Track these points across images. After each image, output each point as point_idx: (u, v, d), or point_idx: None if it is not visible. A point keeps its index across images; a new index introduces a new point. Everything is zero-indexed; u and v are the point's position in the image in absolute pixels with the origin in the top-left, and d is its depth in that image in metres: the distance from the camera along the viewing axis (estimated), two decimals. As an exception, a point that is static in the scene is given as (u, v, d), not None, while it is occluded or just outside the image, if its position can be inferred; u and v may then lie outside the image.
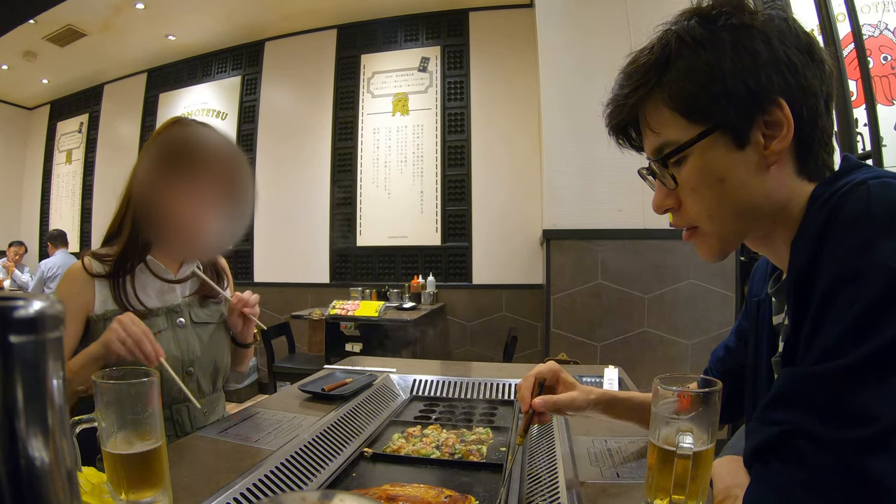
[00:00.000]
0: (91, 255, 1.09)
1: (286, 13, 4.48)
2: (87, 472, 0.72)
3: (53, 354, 0.22)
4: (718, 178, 0.61)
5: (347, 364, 1.58)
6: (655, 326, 2.92)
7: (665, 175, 0.64)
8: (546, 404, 0.82)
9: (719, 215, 0.63)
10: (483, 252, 4.22)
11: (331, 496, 0.24)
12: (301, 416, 1.09)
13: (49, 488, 0.21)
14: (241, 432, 0.99)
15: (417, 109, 4.42)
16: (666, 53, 0.62)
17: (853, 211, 0.52)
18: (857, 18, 2.19)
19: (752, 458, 0.54)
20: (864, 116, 2.23)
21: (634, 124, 0.68)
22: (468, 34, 4.35)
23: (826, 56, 0.61)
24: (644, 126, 0.66)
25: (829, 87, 0.61)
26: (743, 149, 0.60)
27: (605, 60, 2.92)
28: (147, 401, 0.65)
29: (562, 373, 0.88)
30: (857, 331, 0.48)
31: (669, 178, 0.64)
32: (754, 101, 0.58)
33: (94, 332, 1.05)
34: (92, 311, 1.06)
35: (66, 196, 5.85)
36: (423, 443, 0.98)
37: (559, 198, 3.04)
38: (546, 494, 0.75)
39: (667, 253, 2.90)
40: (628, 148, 0.71)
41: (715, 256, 0.66)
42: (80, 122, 5.82)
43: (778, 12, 0.61)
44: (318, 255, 4.55)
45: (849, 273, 0.50)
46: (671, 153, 0.63)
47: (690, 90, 0.60)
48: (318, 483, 0.83)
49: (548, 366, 0.88)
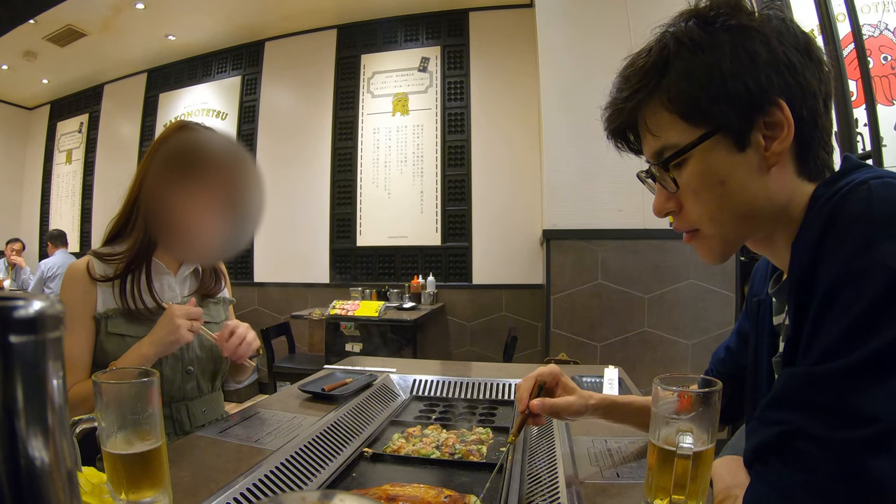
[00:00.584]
0: (93, 255, 1.09)
1: (286, 13, 4.48)
2: (87, 472, 0.72)
3: (53, 354, 0.22)
4: (719, 181, 0.61)
5: (347, 364, 1.58)
6: (655, 326, 2.92)
7: (666, 178, 0.64)
8: (543, 407, 0.83)
9: (720, 218, 0.63)
10: (483, 252, 4.22)
11: (331, 496, 0.25)
12: (301, 416, 1.09)
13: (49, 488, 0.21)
14: (241, 432, 0.99)
15: (417, 109, 4.42)
16: (664, 56, 0.61)
17: (854, 211, 0.52)
18: (857, 18, 2.19)
19: (752, 458, 0.54)
20: (864, 116, 2.23)
21: (633, 128, 0.67)
22: (468, 34, 4.35)
23: (824, 55, 0.61)
24: (643, 129, 0.65)
25: (828, 87, 0.60)
26: (744, 150, 0.59)
27: (605, 60, 2.93)
28: (147, 401, 0.65)
29: (562, 377, 0.88)
30: (858, 331, 0.48)
31: (670, 182, 0.64)
32: (754, 102, 0.58)
33: (98, 332, 1.06)
34: (95, 310, 1.06)
35: (66, 196, 5.85)
36: (423, 443, 0.98)
37: (559, 198, 3.04)
38: (546, 494, 0.75)
39: (667, 253, 2.90)
40: (627, 152, 0.71)
41: (716, 259, 0.66)
42: (80, 122, 5.82)
43: (776, 12, 0.60)
44: (318, 255, 4.55)
45: (850, 273, 0.50)
46: (672, 156, 0.62)
47: (690, 92, 0.60)
48: (318, 483, 0.83)
49: (549, 368, 0.88)
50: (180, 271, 1.18)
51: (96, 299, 1.07)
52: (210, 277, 1.24)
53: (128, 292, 1.07)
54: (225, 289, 1.29)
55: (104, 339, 1.06)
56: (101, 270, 1.08)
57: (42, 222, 6.03)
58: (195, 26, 4.68)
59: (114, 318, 1.06)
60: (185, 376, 1.13)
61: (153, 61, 5.29)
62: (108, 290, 1.08)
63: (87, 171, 5.68)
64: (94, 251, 1.10)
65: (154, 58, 5.23)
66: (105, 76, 5.57)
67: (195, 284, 1.21)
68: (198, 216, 1.02)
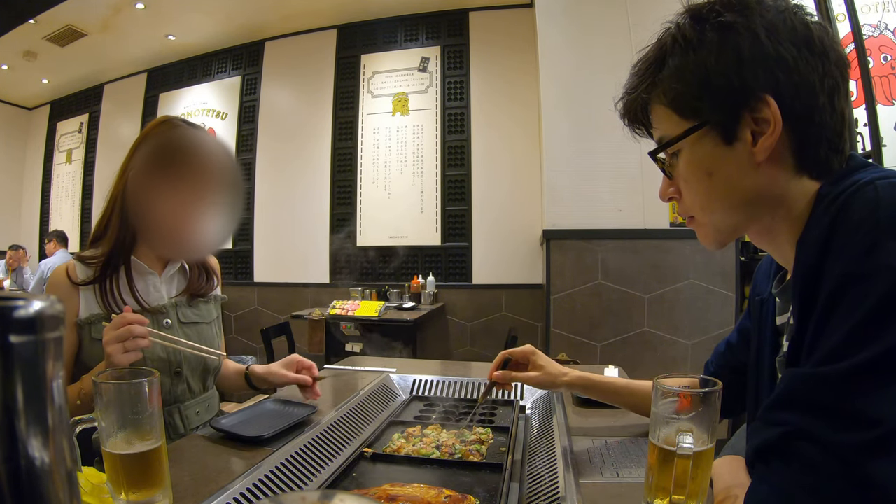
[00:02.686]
0: (77, 259, 1.07)
1: (286, 13, 4.48)
2: (87, 472, 0.72)
3: (53, 354, 0.22)
4: (706, 173, 0.63)
5: (347, 364, 1.58)
6: (655, 326, 2.92)
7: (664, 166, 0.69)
8: (503, 377, 1.04)
9: (710, 208, 0.65)
10: (483, 252, 4.22)
11: (331, 496, 0.24)
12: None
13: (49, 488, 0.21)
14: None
15: (417, 109, 4.42)
16: (662, 52, 0.64)
17: (861, 212, 0.52)
18: (857, 18, 2.19)
19: (754, 459, 0.54)
20: (864, 116, 2.23)
21: (644, 117, 0.71)
22: (468, 34, 4.35)
23: (832, 47, 0.59)
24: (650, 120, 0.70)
25: (835, 80, 0.59)
26: (731, 145, 0.61)
27: (606, 60, 2.93)
28: (147, 401, 0.65)
29: (533, 355, 1.05)
30: (863, 333, 0.48)
31: (669, 169, 0.68)
32: (738, 98, 0.59)
33: (82, 339, 1.03)
34: (77, 316, 1.04)
35: (66, 196, 5.85)
36: (423, 443, 0.98)
37: (559, 198, 3.04)
38: (546, 494, 0.75)
39: (667, 253, 2.90)
40: (646, 137, 0.74)
41: (712, 245, 0.69)
42: (80, 122, 5.83)
43: (778, 3, 0.60)
44: (318, 255, 4.55)
45: (855, 274, 0.49)
46: (662, 147, 0.67)
47: (678, 89, 0.62)
48: (318, 483, 0.83)
49: (522, 348, 1.06)
50: (166, 270, 1.14)
51: (79, 305, 1.04)
52: (200, 275, 1.20)
53: (108, 294, 1.03)
54: (217, 287, 1.26)
55: (88, 345, 1.02)
56: (83, 274, 1.05)
57: (42, 222, 6.03)
58: (195, 26, 4.68)
59: (97, 323, 1.03)
60: (174, 379, 1.09)
61: (153, 61, 5.30)
62: (90, 294, 1.04)
63: (87, 171, 5.69)
64: (76, 254, 1.07)
65: (154, 58, 5.23)
66: (105, 76, 5.58)
67: (184, 283, 1.18)
68: (177, 210, 1.01)
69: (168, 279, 1.15)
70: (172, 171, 1.01)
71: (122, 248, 1.07)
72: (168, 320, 1.11)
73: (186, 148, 1.04)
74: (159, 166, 1.02)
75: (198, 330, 1.16)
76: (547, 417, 1.08)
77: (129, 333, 0.88)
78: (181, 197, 1.01)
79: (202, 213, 1.02)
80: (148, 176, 1.03)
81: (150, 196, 1.02)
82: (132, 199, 1.04)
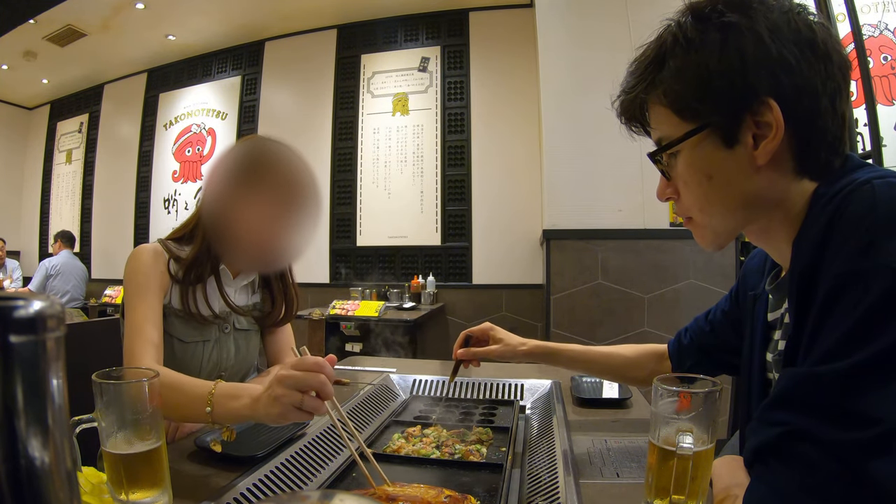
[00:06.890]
0: (165, 249, 1.06)
1: (286, 13, 4.48)
2: (87, 472, 0.71)
3: (53, 354, 0.22)
4: (706, 175, 0.63)
5: (347, 364, 1.58)
6: (655, 326, 2.92)
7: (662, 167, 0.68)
8: (465, 353, 1.10)
9: (709, 210, 0.65)
10: (483, 252, 4.22)
11: (331, 496, 0.25)
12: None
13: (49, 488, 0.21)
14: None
15: (417, 109, 4.42)
16: (662, 52, 0.63)
17: (858, 211, 0.51)
18: (857, 18, 2.19)
19: (752, 458, 0.54)
20: (864, 116, 2.23)
21: (641, 116, 0.70)
22: (468, 34, 4.35)
23: (835, 49, 0.59)
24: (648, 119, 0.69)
25: (837, 83, 0.58)
26: (732, 148, 0.60)
27: (606, 60, 2.93)
28: (147, 401, 0.65)
29: (492, 330, 1.10)
30: (860, 332, 0.48)
31: (667, 170, 0.67)
32: (741, 101, 0.58)
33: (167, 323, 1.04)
34: (168, 297, 1.05)
35: (66, 196, 5.85)
36: (423, 443, 0.98)
37: (559, 198, 3.04)
38: (546, 494, 0.75)
39: (667, 253, 2.90)
40: (643, 135, 0.73)
41: (710, 246, 0.69)
42: (80, 122, 5.83)
43: (781, 4, 0.59)
44: (318, 255, 4.55)
45: (852, 274, 0.49)
46: (662, 148, 0.65)
47: (679, 90, 0.61)
48: (318, 483, 0.83)
49: (480, 325, 1.12)
50: (236, 280, 1.15)
51: (169, 286, 1.05)
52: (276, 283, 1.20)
53: (188, 299, 1.05)
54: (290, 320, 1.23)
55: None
56: (173, 266, 1.06)
57: (42, 222, 6.03)
58: (195, 26, 4.68)
59: (169, 316, 1.05)
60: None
61: (153, 61, 5.30)
62: (176, 287, 1.06)
63: (87, 171, 5.68)
64: (163, 241, 1.08)
65: (154, 58, 5.23)
66: (105, 76, 5.58)
67: (247, 297, 1.19)
68: (257, 224, 1.00)
69: (242, 288, 1.18)
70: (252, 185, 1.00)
71: (209, 257, 1.07)
72: (227, 326, 1.14)
73: (267, 162, 1.03)
74: (241, 181, 1.00)
75: (247, 337, 1.18)
76: (547, 417, 1.08)
77: (321, 386, 0.68)
78: (260, 210, 1.00)
79: (283, 227, 1.01)
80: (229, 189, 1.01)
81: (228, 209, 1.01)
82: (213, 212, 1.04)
